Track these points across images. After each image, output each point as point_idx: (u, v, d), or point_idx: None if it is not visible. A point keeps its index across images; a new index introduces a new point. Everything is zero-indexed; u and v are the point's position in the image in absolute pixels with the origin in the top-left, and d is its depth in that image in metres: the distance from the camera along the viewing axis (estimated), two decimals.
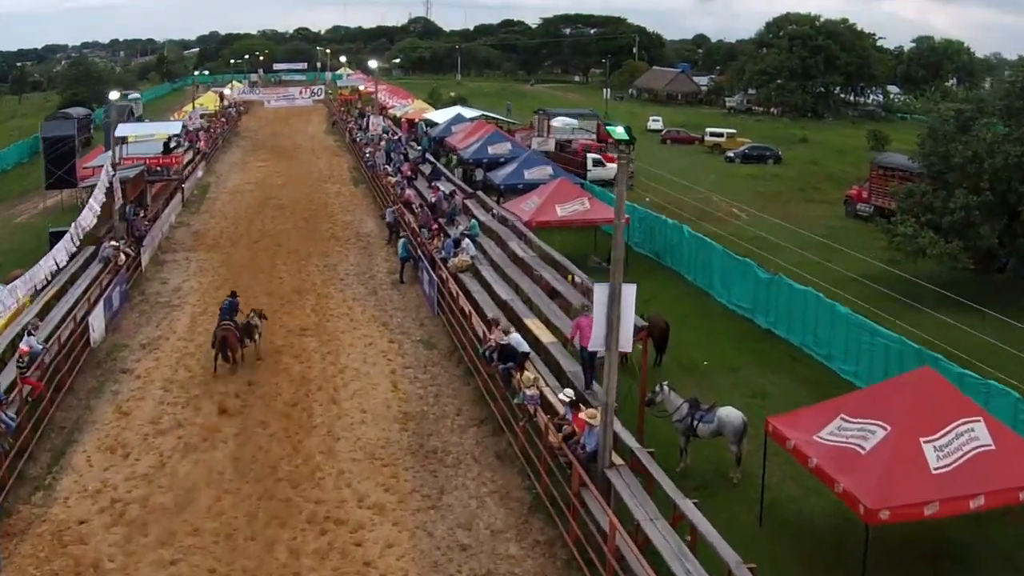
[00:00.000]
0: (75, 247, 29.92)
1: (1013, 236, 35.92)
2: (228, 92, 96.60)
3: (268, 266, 38.16)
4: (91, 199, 32.85)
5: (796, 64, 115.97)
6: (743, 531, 18.06)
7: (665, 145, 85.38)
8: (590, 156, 60.07)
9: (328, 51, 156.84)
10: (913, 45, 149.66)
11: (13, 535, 18.15)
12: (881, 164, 52.29)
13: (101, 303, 28.91)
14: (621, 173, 17.06)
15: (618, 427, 18.18)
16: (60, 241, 28.70)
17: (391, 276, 36.60)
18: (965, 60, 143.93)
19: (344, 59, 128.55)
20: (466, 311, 27.21)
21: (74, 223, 30.75)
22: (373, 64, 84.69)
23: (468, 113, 72.17)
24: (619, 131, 17.16)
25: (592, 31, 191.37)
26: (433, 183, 46.48)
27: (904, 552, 17.32)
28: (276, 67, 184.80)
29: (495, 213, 38.72)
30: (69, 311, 27.77)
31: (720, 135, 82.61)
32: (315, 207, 50.67)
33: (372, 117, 66.56)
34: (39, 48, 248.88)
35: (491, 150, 54.44)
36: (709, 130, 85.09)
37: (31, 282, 25.33)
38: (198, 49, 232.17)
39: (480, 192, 43.93)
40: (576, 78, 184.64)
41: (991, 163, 35.32)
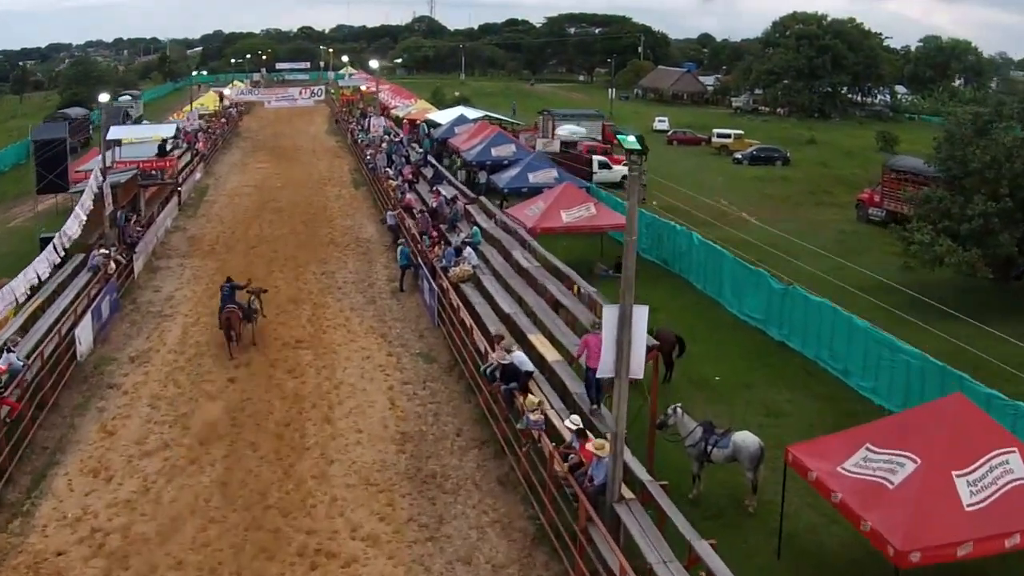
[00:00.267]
0: (59, 257, 28.63)
1: None
2: (228, 92, 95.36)
3: (264, 273, 36.86)
4: (77, 206, 31.65)
5: (803, 64, 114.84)
6: (761, 565, 17.16)
7: (671, 146, 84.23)
8: (596, 158, 59.02)
9: (331, 50, 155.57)
10: (919, 44, 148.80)
11: None
12: (894, 167, 51.16)
13: (89, 314, 27.79)
14: (633, 185, 15.86)
15: (628, 457, 17.04)
16: (43, 252, 27.45)
17: (391, 284, 35.48)
18: (972, 60, 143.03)
19: (346, 58, 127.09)
20: (467, 324, 26.06)
21: (59, 232, 29.56)
22: (374, 64, 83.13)
23: (471, 114, 71.13)
24: (630, 139, 16.10)
25: (597, 30, 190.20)
26: (434, 187, 45.37)
27: None
28: (279, 66, 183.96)
29: (498, 220, 37.57)
30: (54, 324, 26.64)
31: (727, 136, 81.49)
32: (314, 211, 49.56)
33: (373, 118, 65.43)
34: (43, 47, 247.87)
35: (495, 152, 53.52)
36: (716, 131, 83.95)
37: (8, 297, 24.09)
38: (201, 48, 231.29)
39: (483, 197, 42.70)
40: (581, 77, 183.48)
41: (1010, 168, 34.37)
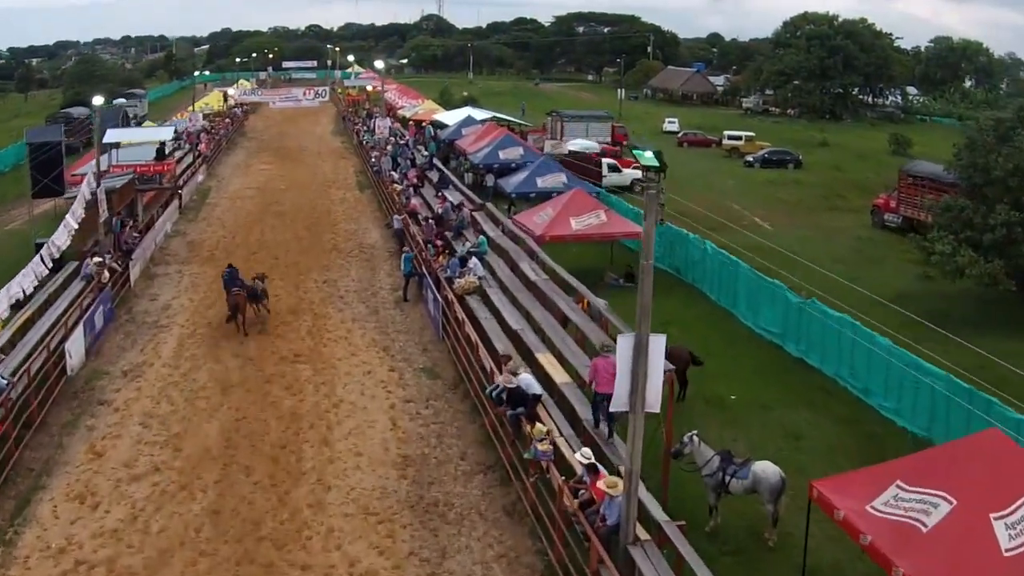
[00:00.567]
0: (47, 269, 27.49)
1: None
2: (232, 92, 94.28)
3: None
4: (68, 214, 30.53)
5: (814, 64, 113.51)
6: None
7: (681, 148, 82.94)
8: (605, 161, 57.92)
9: (338, 49, 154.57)
10: (929, 45, 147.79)
11: None
12: (911, 173, 50.01)
13: (81, 326, 26.73)
14: (651, 205, 14.72)
15: (643, 494, 15.93)
16: (29, 264, 26.33)
17: (394, 293, 34.38)
18: (983, 61, 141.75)
19: (352, 58, 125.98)
20: (473, 340, 24.94)
21: (48, 242, 28.46)
22: (380, 64, 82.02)
23: (479, 115, 70.07)
24: (647, 155, 15.12)
25: (606, 30, 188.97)
26: (440, 192, 44.25)
27: None
28: (286, 65, 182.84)
29: (505, 228, 36.50)
30: (43, 338, 25.58)
31: (738, 138, 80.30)
32: (318, 215, 48.48)
33: (379, 119, 64.26)
34: (50, 44, 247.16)
35: (502, 155, 52.50)
36: (727, 133, 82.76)
37: None
38: (208, 46, 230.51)
39: (489, 204, 41.56)
40: (589, 77, 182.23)
41: None
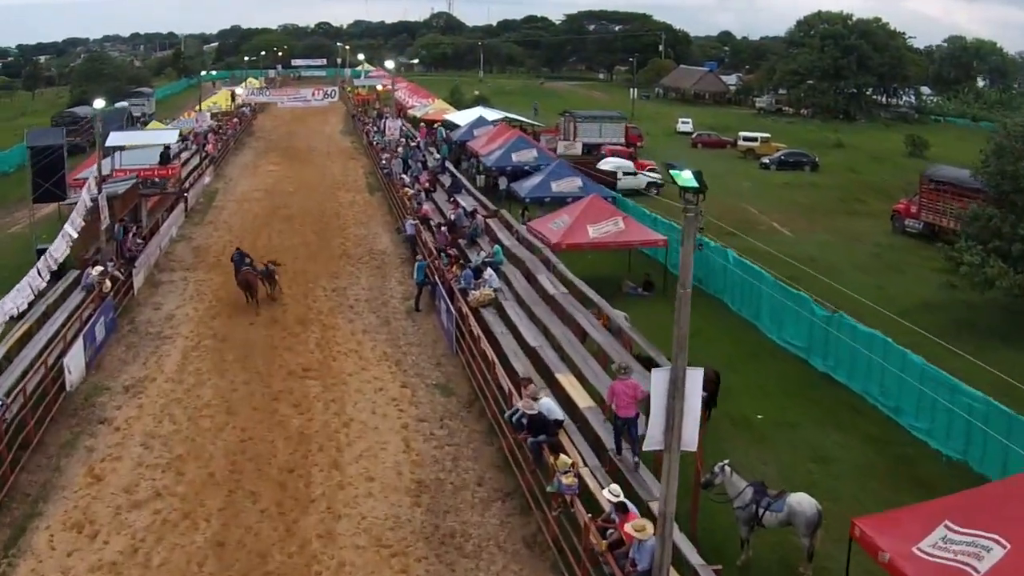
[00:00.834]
0: (44, 283, 26.37)
1: None
2: (240, 91, 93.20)
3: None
4: (67, 224, 29.43)
5: (828, 64, 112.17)
6: None
7: (696, 149, 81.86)
8: None
9: (348, 48, 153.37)
10: (940, 44, 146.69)
11: None
12: (932, 178, 48.76)
13: (81, 339, 25.69)
14: (689, 229, 13.61)
15: (677, 536, 14.87)
16: (25, 277, 25.22)
17: (405, 302, 33.32)
18: (996, 61, 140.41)
19: (362, 56, 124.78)
20: (490, 358, 23.85)
21: (45, 253, 27.39)
22: (390, 64, 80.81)
23: (490, 115, 69.01)
24: (685, 176, 14.10)
25: (617, 28, 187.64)
26: (453, 197, 43.14)
27: None
28: (295, 63, 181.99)
29: (520, 236, 35.45)
30: (40, 353, 24.52)
31: (754, 139, 79.09)
32: (326, 219, 47.40)
33: (390, 120, 63.11)
34: (59, 41, 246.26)
35: (515, 157, 51.53)
36: (742, 134, 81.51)
37: None
38: (217, 44, 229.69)
39: (505, 211, 40.41)
40: (600, 75, 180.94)
41: None
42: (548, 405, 19.68)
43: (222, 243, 42.13)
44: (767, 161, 72.06)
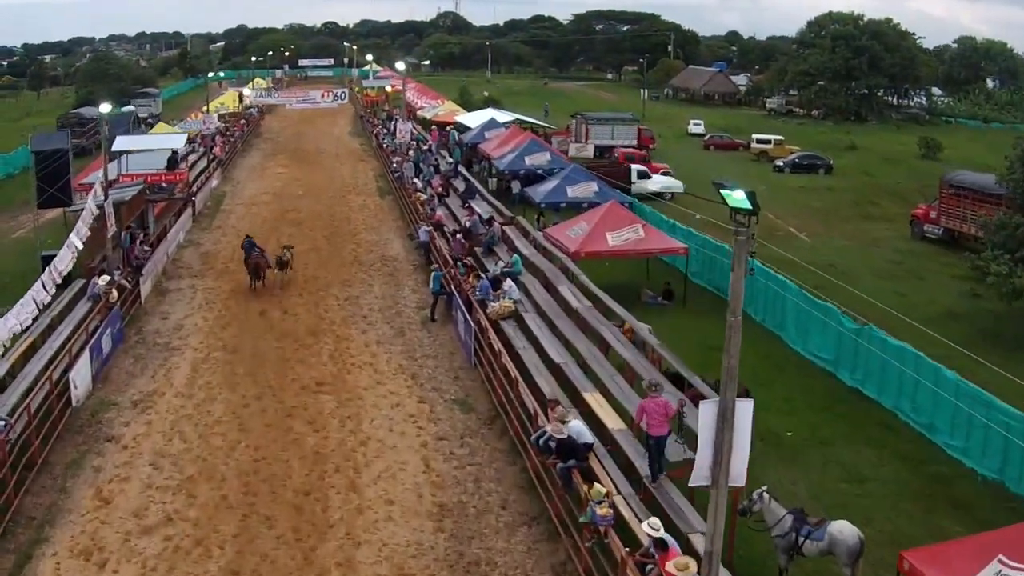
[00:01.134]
0: (49, 296, 25.43)
1: None
2: (248, 92, 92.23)
3: (282, 297, 34.06)
4: (72, 233, 28.46)
5: (839, 65, 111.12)
6: None
7: (708, 151, 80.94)
8: (635, 167, 55.91)
9: (355, 48, 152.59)
10: (945, 44, 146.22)
11: None
12: (953, 183, 47.89)
13: (87, 352, 24.79)
14: (740, 253, 12.72)
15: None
16: (29, 291, 24.27)
17: (420, 312, 32.41)
18: (1007, 61, 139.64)
19: (371, 57, 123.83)
20: (512, 375, 22.92)
21: (50, 265, 26.47)
22: (401, 66, 79.78)
23: (502, 117, 68.11)
24: (737, 196, 13.22)
25: (625, 28, 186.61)
26: (467, 203, 42.20)
27: None
28: (302, 63, 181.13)
29: (536, 242, 34.55)
30: (46, 367, 23.61)
31: (767, 142, 78.17)
32: (337, 223, 46.45)
33: (400, 123, 62.12)
34: (65, 41, 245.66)
35: (528, 161, 50.63)
36: (755, 136, 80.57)
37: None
38: (223, 43, 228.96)
39: (522, 218, 39.41)
40: (609, 76, 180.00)
41: None
42: (577, 428, 18.77)
43: (230, 249, 41.18)
44: (781, 164, 71.11)
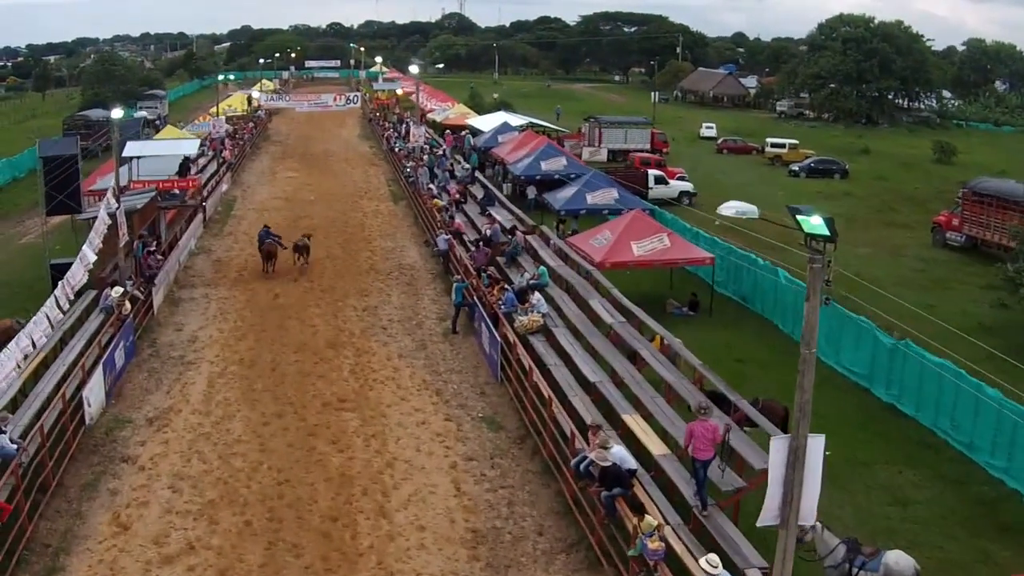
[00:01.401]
0: (61, 314, 24.42)
1: None
2: (257, 95, 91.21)
3: (299, 308, 33.10)
4: (85, 245, 27.50)
5: (851, 68, 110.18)
6: None
7: (721, 155, 79.99)
8: (652, 173, 55.01)
9: (362, 49, 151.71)
10: (952, 46, 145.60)
11: None
12: (976, 190, 46.95)
13: (100, 368, 23.86)
14: (815, 282, 11.90)
15: None
16: (42, 307, 23.27)
17: (441, 323, 31.52)
18: (1018, 64, 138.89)
19: (380, 59, 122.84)
20: (545, 395, 21.99)
21: (62, 281, 25.50)
22: (415, 69, 78.76)
23: (515, 120, 67.22)
24: (814, 222, 12.52)
25: (633, 29, 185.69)
26: (486, 210, 41.26)
27: None
28: (308, 64, 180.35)
29: (559, 250, 33.63)
30: (58, 385, 22.66)
31: (781, 146, 77.11)
32: (351, 230, 45.49)
33: (414, 126, 61.21)
34: (69, 41, 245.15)
35: (544, 166, 49.82)
36: (770, 140, 79.53)
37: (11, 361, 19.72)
38: (228, 44, 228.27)
39: (545, 227, 38.42)
40: (616, 77, 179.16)
41: None
42: (620, 454, 17.85)
43: (243, 257, 40.30)
44: (796, 168, 70.14)
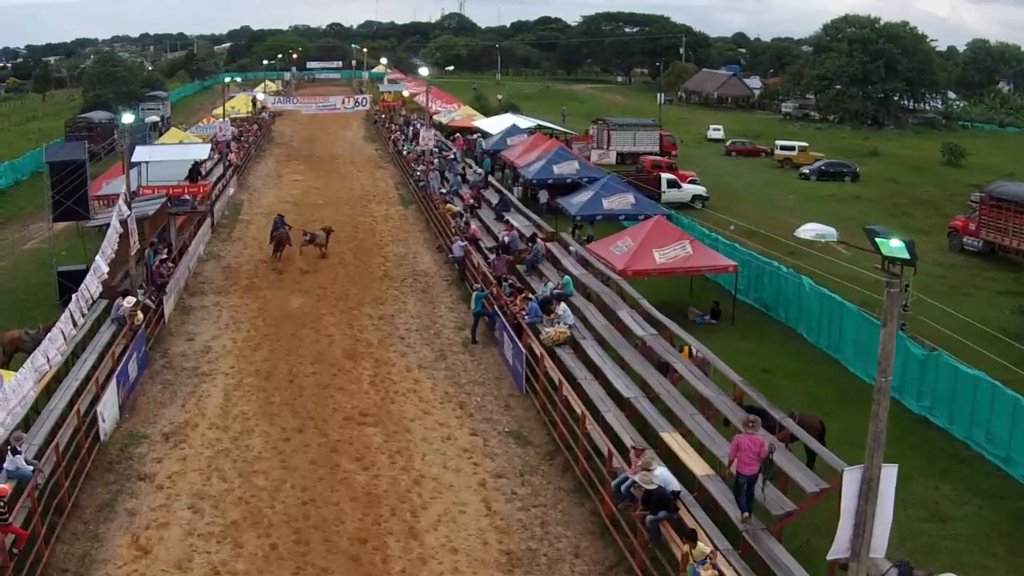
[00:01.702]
0: (75, 329, 23.53)
1: None
2: (262, 97, 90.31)
3: (313, 316, 32.32)
4: (98, 256, 26.63)
5: (857, 69, 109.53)
6: None
7: (730, 158, 79.28)
8: (664, 176, 54.30)
9: (365, 50, 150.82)
10: (952, 46, 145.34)
11: None
12: (994, 195, 46.31)
13: (114, 381, 23.07)
14: (892, 307, 11.21)
15: None
16: (56, 324, 22.37)
17: (460, 332, 30.77)
18: (1021, 65, 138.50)
19: (385, 60, 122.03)
20: (578, 411, 21.23)
21: (76, 294, 24.67)
22: (425, 71, 77.87)
23: (523, 123, 66.45)
24: (894, 245, 11.99)
25: (635, 29, 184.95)
26: (502, 216, 40.51)
27: None
28: (310, 65, 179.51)
29: (581, 258, 32.89)
30: (71, 402, 21.83)
31: (791, 148, 76.29)
32: (362, 235, 44.65)
33: (423, 129, 60.38)
34: (68, 42, 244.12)
35: (556, 169, 49.06)
36: (779, 143, 78.72)
37: (16, 397, 18.80)
38: (228, 45, 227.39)
39: (566, 235, 37.62)
40: (619, 78, 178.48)
41: None
42: (664, 476, 17.14)
43: (253, 263, 39.50)
44: (807, 171, 69.42)
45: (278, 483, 20.72)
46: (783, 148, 76.85)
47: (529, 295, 28.92)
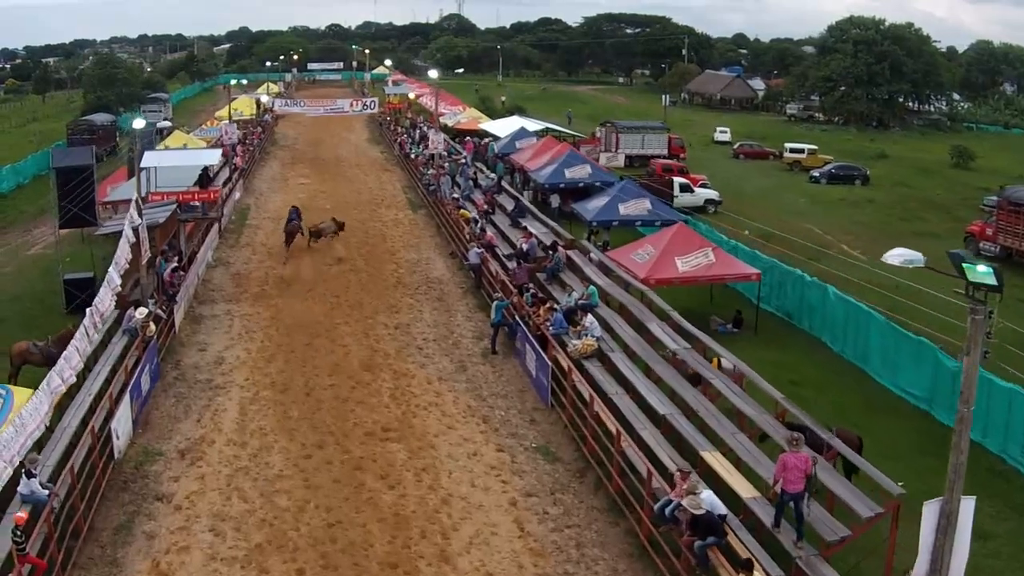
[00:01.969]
0: (90, 347, 22.70)
1: None
2: (266, 99, 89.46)
3: (327, 326, 31.54)
4: (111, 268, 25.85)
5: (862, 70, 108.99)
6: None
7: (738, 160, 78.64)
8: (677, 180, 53.61)
9: (367, 51, 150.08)
10: (953, 46, 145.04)
11: None
12: (1012, 199, 45.74)
13: (127, 395, 22.33)
14: (975, 336, 10.52)
15: None
16: (72, 341, 21.52)
17: (478, 342, 30.02)
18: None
19: (389, 62, 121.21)
20: (613, 429, 20.46)
21: (89, 309, 23.84)
22: (434, 73, 77.16)
23: (531, 126, 65.75)
24: (981, 270, 11.61)
25: (636, 30, 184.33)
26: (519, 222, 39.75)
27: None
28: (310, 66, 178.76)
29: (603, 266, 32.18)
30: (85, 420, 21.05)
31: (800, 151, 75.73)
32: (372, 241, 43.83)
33: (432, 133, 59.53)
34: (67, 43, 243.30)
35: (568, 173, 48.39)
36: (788, 145, 78.07)
37: (34, 422, 18.05)
38: (228, 46, 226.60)
39: (586, 242, 36.78)
40: (621, 79, 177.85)
41: None
42: (711, 500, 16.44)
43: (263, 269, 38.70)
44: (817, 174, 68.87)
45: (301, 503, 19.94)
46: (792, 151, 76.27)
47: (554, 305, 28.14)
